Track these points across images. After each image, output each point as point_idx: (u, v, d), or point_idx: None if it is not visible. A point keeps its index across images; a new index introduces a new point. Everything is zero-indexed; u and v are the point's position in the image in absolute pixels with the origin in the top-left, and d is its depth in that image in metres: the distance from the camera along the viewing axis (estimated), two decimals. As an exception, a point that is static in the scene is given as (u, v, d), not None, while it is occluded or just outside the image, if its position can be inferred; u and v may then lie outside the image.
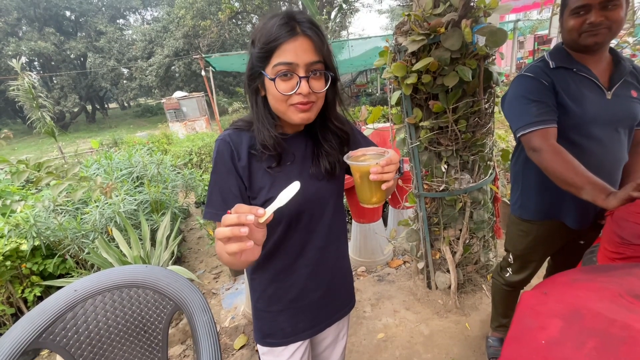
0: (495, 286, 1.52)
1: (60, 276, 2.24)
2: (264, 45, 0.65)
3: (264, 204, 0.70)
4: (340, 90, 0.78)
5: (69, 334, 1.01)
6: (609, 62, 1.05)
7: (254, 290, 0.88)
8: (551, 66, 1.05)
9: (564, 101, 1.01)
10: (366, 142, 0.89)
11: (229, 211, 0.53)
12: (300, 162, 0.78)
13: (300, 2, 15.83)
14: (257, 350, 1.84)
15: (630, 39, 3.04)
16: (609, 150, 1.04)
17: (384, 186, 0.63)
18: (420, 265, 2.05)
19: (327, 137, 0.79)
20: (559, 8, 1.07)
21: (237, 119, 0.79)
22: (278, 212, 0.68)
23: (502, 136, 3.13)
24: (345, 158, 0.68)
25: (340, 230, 0.90)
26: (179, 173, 3.59)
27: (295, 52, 0.64)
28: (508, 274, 1.43)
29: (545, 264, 1.52)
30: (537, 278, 1.64)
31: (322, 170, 0.77)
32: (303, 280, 0.84)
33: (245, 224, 0.50)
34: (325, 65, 0.69)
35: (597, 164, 1.00)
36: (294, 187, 0.55)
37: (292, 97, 0.67)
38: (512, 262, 1.40)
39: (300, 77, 0.65)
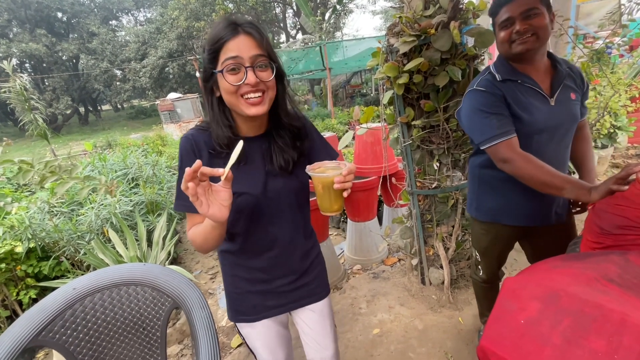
0: (475, 284, 1.55)
1: (56, 278, 2.23)
2: (211, 46, 0.72)
3: None
4: (288, 87, 0.84)
5: (68, 331, 1.02)
6: (549, 68, 1.10)
7: (225, 275, 0.95)
8: (498, 79, 1.08)
9: (515, 111, 1.05)
10: (321, 141, 0.93)
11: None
12: (260, 161, 0.83)
13: (294, 3, 15.86)
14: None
15: (617, 39, 3.12)
16: (556, 151, 1.10)
17: (345, 194, 0.69)
18: (414, 261, 2.08)
19: (280, 133, 0.84)
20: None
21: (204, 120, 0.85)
22: (239, 204, 0.78)
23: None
24: (306, 171, 0.74)
25: (305, 225, 0.95)
26: (174, 174, 3.59)
27: (239, 47, 0.70)
28: (481, 271, 1.46)
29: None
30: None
31: (276, 167, 0.82)
32: (269, 268, 0.90)
33: (204, 174, 0.60)
34: (270, 58, 0.74)
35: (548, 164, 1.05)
36: (239, 146, 0.62)
37: (241, 88, 0.72)
38: (480, 259, 1.43)
39: (246, 68, 0.70)
